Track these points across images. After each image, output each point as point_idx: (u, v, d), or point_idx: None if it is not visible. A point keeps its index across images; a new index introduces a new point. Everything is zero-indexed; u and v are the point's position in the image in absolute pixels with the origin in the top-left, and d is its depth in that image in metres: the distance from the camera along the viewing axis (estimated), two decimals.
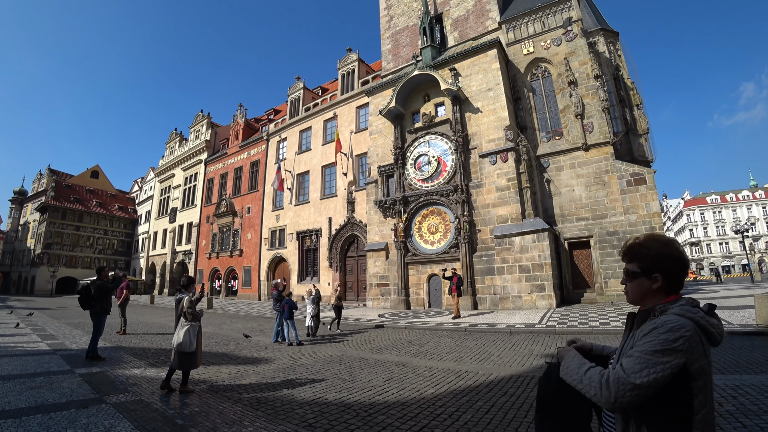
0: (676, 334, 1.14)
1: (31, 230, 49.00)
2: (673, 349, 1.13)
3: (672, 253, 1.32)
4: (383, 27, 22.54)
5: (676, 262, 1.31)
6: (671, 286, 1.32)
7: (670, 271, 1.31)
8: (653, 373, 1.12)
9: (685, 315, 1.19)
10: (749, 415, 3.70)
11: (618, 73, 17.94)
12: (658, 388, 1.13)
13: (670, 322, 1.18)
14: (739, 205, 65.82)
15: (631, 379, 1.14)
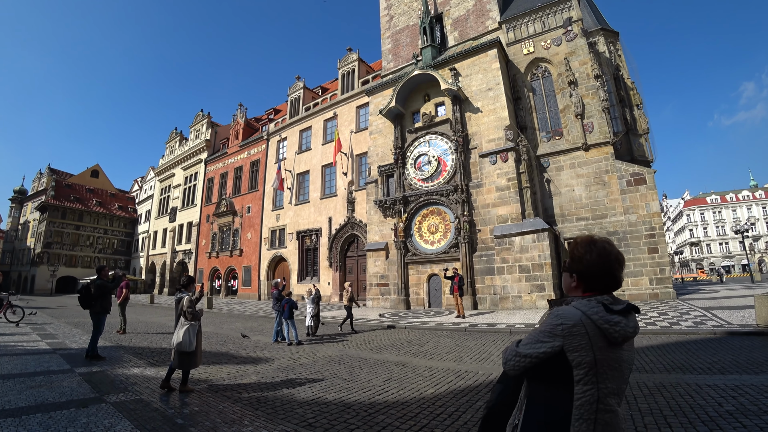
0: (559, 320, 1.28)
1: (31, 229, 49.00)
2: (552, 332, 1.27)
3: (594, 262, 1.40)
4: (383, 27, 22.54)
5: (594, 267, 1.39)
6: (588, 287, 1.41)
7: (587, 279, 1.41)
8: (533, 348, 1.29)
9: (578, 308, 1.30)
10: (749, 415, 3.70)
11: (618, 72, 17.94)
12: (534, 361, 1.29)
13: (561, 311, 1.31)
14: (739, 205, 65.85)
15: (519, 349, 1.33)
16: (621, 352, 1.30)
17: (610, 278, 1.39)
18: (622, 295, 14.26)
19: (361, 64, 25.55)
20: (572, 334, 1.25)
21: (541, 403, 1.32)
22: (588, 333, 1.25)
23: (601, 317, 1.26)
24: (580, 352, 1.24)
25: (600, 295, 1.37)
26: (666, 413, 3.89)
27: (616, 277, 1.39)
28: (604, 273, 1.38)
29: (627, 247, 14.56)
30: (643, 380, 5.07)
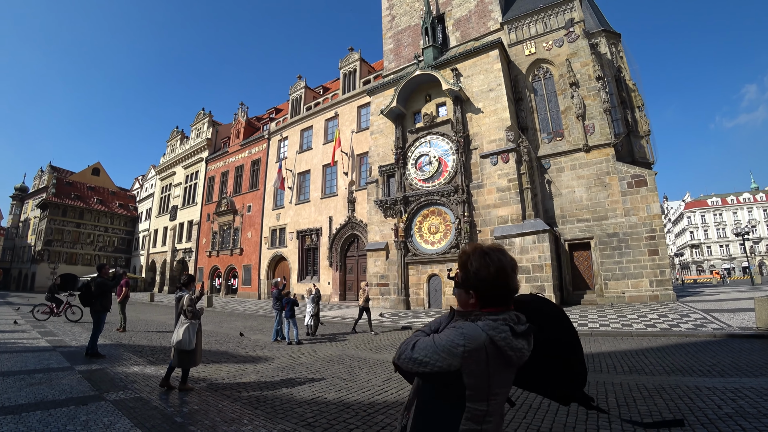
0: (462, 340, 1.18)
1: (31, 227, 49.04)
2: (452, 352, 1.18)
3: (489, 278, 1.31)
4: (385, 27, 22.53)
5: (492, 282, 1.31)
6: (486, 302, 1.32)
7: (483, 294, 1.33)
8: (426, 358, 1.20)
9: (484, 330, 1.20)
10: (748, 418, 3.70)
11: (619, 74, 17.93)
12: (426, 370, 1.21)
13: (469, 330, 1.21)
14: (740, 208, 65.79)
15: (413, 353, 1.24)
16: (513, 372, 1.27)
17: (508, 290, 1.33)
18: (621, 297, 14.28)
19: (362, 63, 25.55)
20: (472, 357, 1.17)
21: (431, 410, 1.27)
22: (488, 358, 1.19)
23: (507, 343, 1.20)
24: (476, 377, 1.19)
25: (499, 309, 1.30)
26: (665, 415, 3.89)
27: (513, 288, 1.33)
28: (503, 286, 1.31)
29: (627, 249, 14.55)
30: (642, 382, 5.07)
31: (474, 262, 1.35)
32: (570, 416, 3.98)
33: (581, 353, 1.39)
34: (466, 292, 1.37)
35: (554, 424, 3.79)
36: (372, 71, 25.86)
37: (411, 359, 1.24)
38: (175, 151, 40.82)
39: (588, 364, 6.21)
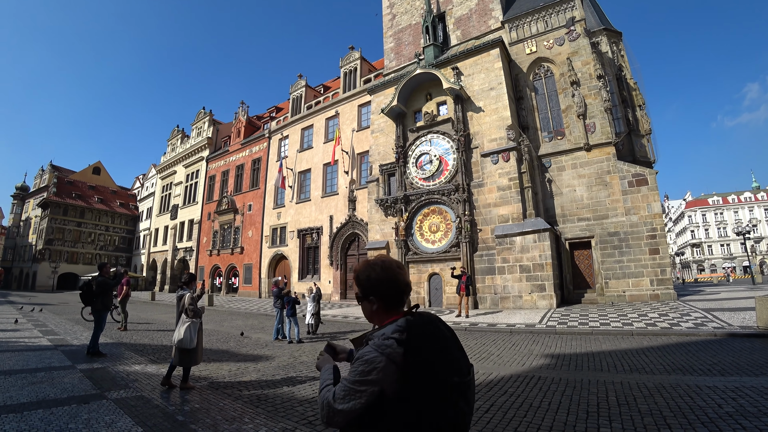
0: (370, 366, 1.25)
1: (32, 226, 49.13)
2: (367, 380, 1.24)
3: (381, 277, 1.42)
4: (386, 25, 22.50)
5: (386, 285, 1.42)
6: (389, 307, 1.43)
7: (382, 295, 1.42)
8: (352, 401, 1.24)
9: (380, 348, 1.27)
10: (749, 417, 3.70)
11: (621, 73, 17.89)
12: (358, 412, 1.25)
13: (366, 355, 1.28)
14: (741, 207, 65.69)
15: (336, 405, 1.26)
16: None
17: (398, 285, 1.43)
18: (622, 296, 14.28)
19: (363, 62, 25.53)
20: (386, 374, 1.24)
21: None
22: (396, 367, 1.25)
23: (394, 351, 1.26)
24: (394, 385, 1.25)
25: (397, 316, 1.40)
26: (666, 414, 3.90)
27: (402, 282, 1.44)
28: (392, 279, 1.43)
29: (628, 248, 14.54)
30: (643, 381, 5.07)
31: (363, 272, 1.47)
32: (570, 415, 3.99)
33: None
34: (368, 301, 1.45)
35: (555, 423, 3.80)
36: (373, 70, 25.84)
37: (337, 411, 1.26)
38: (176, 150, 40.84)
39: (588, 363, 6.22)
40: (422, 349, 1.30)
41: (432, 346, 1.32)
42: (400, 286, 1.44)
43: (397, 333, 1.30)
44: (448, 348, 1.36)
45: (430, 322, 1.39)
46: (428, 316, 1.43)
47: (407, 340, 1.29)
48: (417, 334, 1.31)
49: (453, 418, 1.28)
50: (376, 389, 1.25)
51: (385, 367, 1.25)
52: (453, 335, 1.41)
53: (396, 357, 1.26)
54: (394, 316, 1.41)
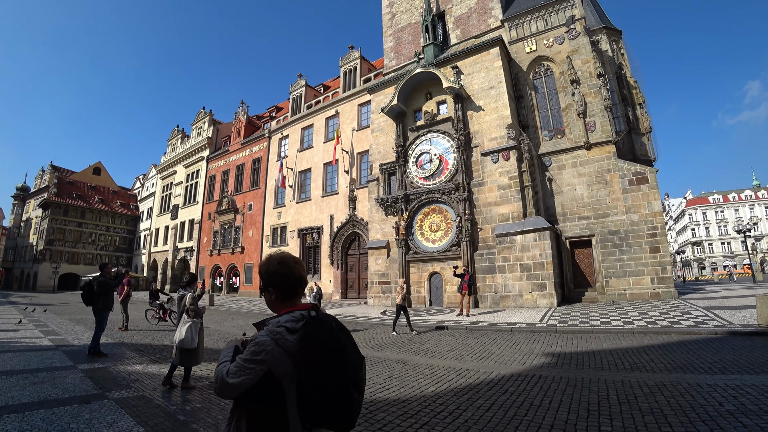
0: (260, 348, 1.41)
1: (33, 226, 49.16)
2: (256, 360, 1.40)
3: (277, 270, 1.60)
4: (385, 24, 22.48)
5: (281, 278, 1.59)
6: (285, 298, 1.60)
7: (278, 286, 1.59)
8: (241, 376, 1.40)
9: (270, 334, 1.43)
10: (750, 415, 3.70)
11: (620, 71, 17.88)
12: (246, 386, 1.40)
13: (258, 338, 1.45)
14: (742, 205, 65.65)
15: (228, 379, 1.41)
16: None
17: (293, 279, 1.60)
18: (623, 294, 14.28)
19: (363, 62, 25.51)
20: (273, 356, 1.39)
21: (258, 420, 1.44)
22: (284, 351, 1.40)
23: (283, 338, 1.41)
24: (283, 366, 1.39)
25: (293, 308, 1.55)
26: (666, 412, 3.90)
27: (297, 275, 1.61)
28: (286, 273, 1.60)
29: (628, 246, 14.54)
30: (643, 379, 5.08)
31: (263, 266, 1.65)
32: (571, 413, 4.00)
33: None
34: (267, 291, 1.63)
35: (556, 421, 3.80)
36: (372, 69, 25.82)
37: (227, 384, 1.41)
38: (176, 150, 40.85)
39: (589, 361, 6.22)
40: (315, 340, 1.43)
41: (325, 339, 1.46)
42: (294, 279, 1.61)
43: (290, 322, 1.46)
44: (340, 341, 1.48)
45: (326, 319, 1.53)
46: (325, 314, 1.57)
47: (301, 329, 1.44)
48: (312, 325, 1.46)
49: (345, 405, 1.41)
50: (264, 368, 1.40)
51: (272, 350, 1.40)
52: (346, 332, 1.54)
53: (284, 343, 1.42)
54: (290, 307, 1.57)
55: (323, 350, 1.44)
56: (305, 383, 1.40)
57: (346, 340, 1.52)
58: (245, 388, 1.41)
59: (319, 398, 1.39)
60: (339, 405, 1.40)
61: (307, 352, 1.42)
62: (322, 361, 1.42)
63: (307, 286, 14.25)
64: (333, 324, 1.52)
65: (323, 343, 1.45)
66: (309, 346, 1.43)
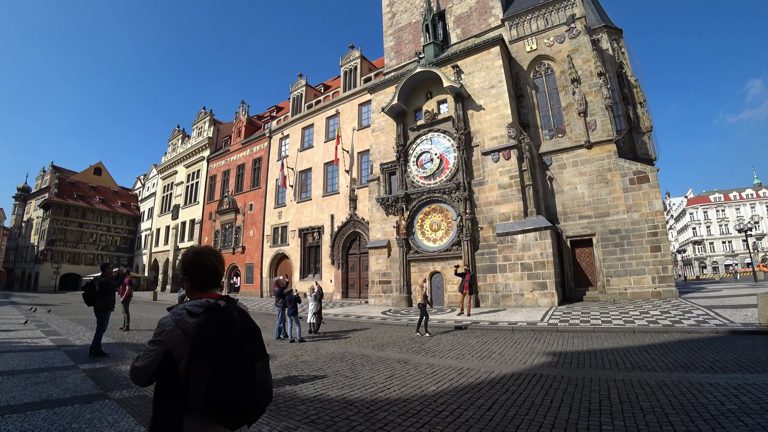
0: (160, 329, 1.53)
1: (34, 227, 49.22)
2: (157, 341, 1.51)
3: (191, 261, 1.72)
4: (386, 24, 22.47)
5: (194, 268, 1.71)
6: (198, 287, 1.72)
7: (192, 276, 1.71)
8: (146, 359, 1.52)
9: (172, 316, 1.55)
10: (751, 414, 3.70)
11: (621, 70, 17.86)
12: (151, 369, 1.51)
13: (162, 320, 1.56)
14: (743, 204, 65.52)
15: (135, 363, 1.54)
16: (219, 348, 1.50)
17: (204, 270, 1.72)
18: (624, 293, 14.26)
19: (363, 61, 25.49)
20: (172, 337, 1.49)
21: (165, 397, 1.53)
22: (184, 333, 1.49)
23: (183, 320, 1.51)
24: (180, 348, 1.48)
25: (203, 294, 1.69)
26: (668, 411, 3.90)
27: (209, 267, 1.72)
28: (198, 264, 1.72)
29: (629, 245, 14.53)
30: (645, 378, 5.07)
31: (182, 258, 1.81)
32: (572, 412, 3.99)
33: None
34: (184, 280, 1.74)
35: (557, 420, 3.80)
36: (373, 69, 25.81)
37: (135, 369, 1.54)
38: (177, 150, 40.87)
39: (590, 360, 6.21)
40: (213, 326, 1.50)
41: (223, 328, 1.52)
42: (206, 270, 1.72)
43: (193, 307, 1.56)
44: (237, 332, 1.54)
45: (232, 310, 1.62)
46: (236, 306, 1.67)
47: (202, 314, 1.53)
48: (213, 312, 1.55)
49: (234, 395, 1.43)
50: (164, 349, 1.50)
51: (172, 330, 1.50)
52: (252, 327, 1.63)
53: (183, 324, 1.50)
54: (203, 296, 1.68)
55: (218, 337, 1.49)
56: (195, 366, 1.45)
57: (248, 334, 1.58)
58: (150, 371, 1.52)
59: (207, 384, 1.42)
60: (227, 395, 1.42)
61: (203, 337, 1.48)
62: (215, 348, 1.47)
63: (308, 285, 14.20)
64: (237, 316, 1.60)
65: (220, 331, 1.51)
66: (206, 331, 1.49)
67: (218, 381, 1.42)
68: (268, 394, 1.58)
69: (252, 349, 1.55)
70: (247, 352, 1.53)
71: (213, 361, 1.45)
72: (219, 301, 1.62)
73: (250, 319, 1.66)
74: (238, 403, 1.44)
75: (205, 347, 1.47)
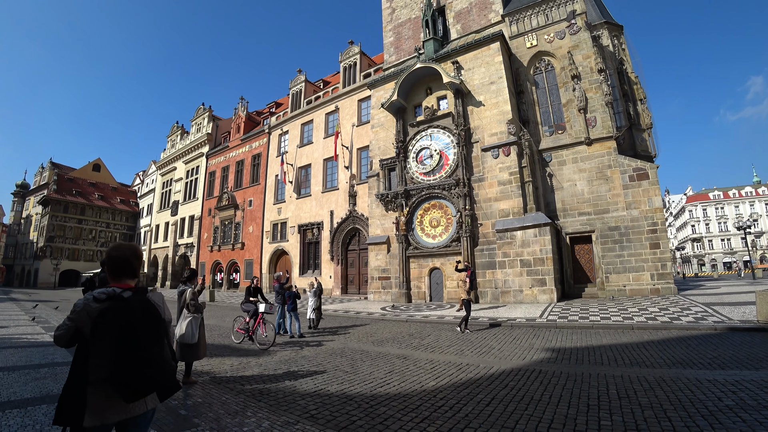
0: (73, 308, 1.92)
1: (33, 223, 49.18)
2: (70, 317, 1.92)
3: (109, 253, 2.11)
4: (385, 19, 22.37)
5: (109, 259, 2.09)
6: (113, 276, 2.07)
7: (108, 266, 2.09)
8: (60, 330, 1.94)
9: (83, 299, 1.93)
10: (749, 410, 3.72)
11: (622, 67, 17.80)
12: (65, 339, 1.92)
13: (77, 302, 1.93)
14: (742, 202, 65.57)
15: (55, 332, 1.95)
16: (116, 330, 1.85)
17: (116, 262, 2.08)
18: (623, 290, 14.30)
19: (362, 57, 25.40)
20: (80, 317, 1.88)
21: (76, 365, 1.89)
22: (88, 314, 1.86)
23: (89, 304, 1.89)
24: (86, 327, 1.86)
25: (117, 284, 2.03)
26: (666, 407, 3.92)
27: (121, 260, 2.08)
28: (114, 259, 2.08)
29: (629, 242, 14.55)
30: (643, 374, 5.09)
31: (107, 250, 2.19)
32: (571, 408, 4.01)
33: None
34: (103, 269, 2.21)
35: (556, 416, 3.82)
36: (372, 64, 25.72)
37: (53, 337, 1.97)
38: (176, 146, 40.77)
39: (589, 357, 6.24)
40: (110, 313, 1.84)
41: (119, 315, 1.85)
42: (119, 262, 2.07)
43: (99, 293, 1.92)
44: (132, 320, 1.87)
45: (134, 300, 1.95)
46: (140, 297, 2.00)
47: (105, 301, 1.89)
48: (115, 301, 1.90)
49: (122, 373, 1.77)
50: (74, 326, 1.90)
51: (80, 311, 1.89)
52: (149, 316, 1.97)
53: (88, 308, 1.88)
54: (115, 284, 2.02)
55: (113, 322, 1.82)
56: (95, 345, 1.80)
57: (144, 322, 1.92)
58: (64, 340, 1.92)
59: (106, 361, 1.77)
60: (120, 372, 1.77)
61: (101, 321, 1.83)
62: (110, 332, 1.80)
63: (308, 281, 14.18)
64: (139, 306, 1.94)
65: (116, 317, 1.84)
66: (104, 316, 1.84)
67: (112, 360, 1.77)
68: (163, 374, 1.92)
69: (145, 335, 1.89)
70: (139, 338, 1.86)
71: (107, 343, 1.79)
72: (125, 291, 1.97)
73: (153, 310, 2.00)
74: (130, 380, 1.78)
75: (102, 330, 1.81)
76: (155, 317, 1.98)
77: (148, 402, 1.98)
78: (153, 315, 1.97)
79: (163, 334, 2.01)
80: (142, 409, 1.96)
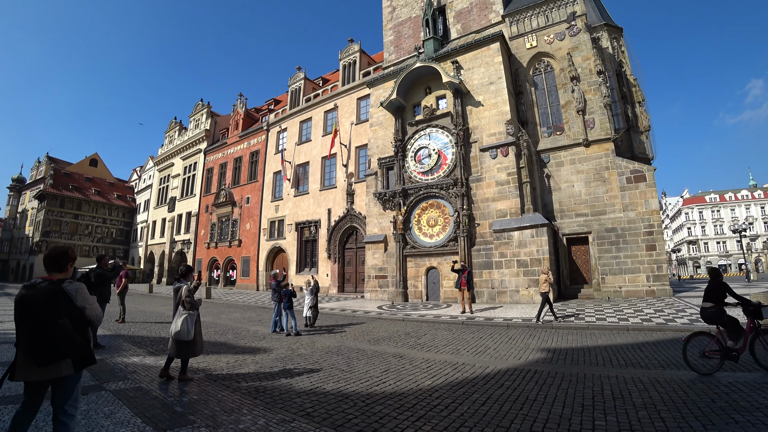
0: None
1: (29, 218, 48.85)
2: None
3: (46, 252, 2.75)
4: (385, 18, 22.33)
5: (45, 257, 2.78)
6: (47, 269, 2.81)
7: (44, 261, 2.79)
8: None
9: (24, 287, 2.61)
10: (741, 412, 3.75)
11: (621, 69, 17.85)
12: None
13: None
14: (738, 205, 65.93)
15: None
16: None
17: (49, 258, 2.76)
18: (618, 291, 14.38)
19: (362, 55, 25.35)
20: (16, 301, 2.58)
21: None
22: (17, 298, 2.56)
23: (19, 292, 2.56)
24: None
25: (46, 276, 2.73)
26: (660, 408, 3.94)
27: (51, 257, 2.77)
28: (47, 255, 2.77)
29: (625, 244, 14.61)
30: (638, 375, 5.13)
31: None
32: (566, 408, 4.04)
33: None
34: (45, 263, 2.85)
35: (551, 415, 3.84)
36: (372, 63, 25.68)
37: None
38: (174, 142, 40.60)
39: (584, 357, 6.27)
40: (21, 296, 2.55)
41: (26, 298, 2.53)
42: (50, 260, 2.76)
43: (27, 283, 2.64)
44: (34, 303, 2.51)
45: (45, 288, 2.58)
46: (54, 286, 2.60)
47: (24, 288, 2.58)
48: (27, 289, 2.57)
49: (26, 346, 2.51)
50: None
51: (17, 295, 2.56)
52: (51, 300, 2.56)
53: (19, 293, 2.57)
54: (44, 277, 2.71)
55: (21, 303, 2.52)
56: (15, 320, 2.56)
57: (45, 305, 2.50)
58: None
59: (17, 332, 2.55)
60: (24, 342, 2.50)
61: (17, 302, 2.54)
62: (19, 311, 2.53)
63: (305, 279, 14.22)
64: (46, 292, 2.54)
65: (24, 299, 2.52)
66: (20, 299, 2.54)
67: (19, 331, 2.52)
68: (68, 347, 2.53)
69: (46, 314, 2.48)
70: (40, 316, 2.47)
71: (18, 318, 2.53)
72: (42, 282, 2.60)
73: (60, 296, 2.58)
74: (33, 347, 2.45)
75: (17, 309, 2.52)
76: (58, 302, 2.54)
77: (63, 368, 2.56)
78: (57, 300, 2.54)
79: (65, 314, 2.56)
80: (57, 373, 2.55)
